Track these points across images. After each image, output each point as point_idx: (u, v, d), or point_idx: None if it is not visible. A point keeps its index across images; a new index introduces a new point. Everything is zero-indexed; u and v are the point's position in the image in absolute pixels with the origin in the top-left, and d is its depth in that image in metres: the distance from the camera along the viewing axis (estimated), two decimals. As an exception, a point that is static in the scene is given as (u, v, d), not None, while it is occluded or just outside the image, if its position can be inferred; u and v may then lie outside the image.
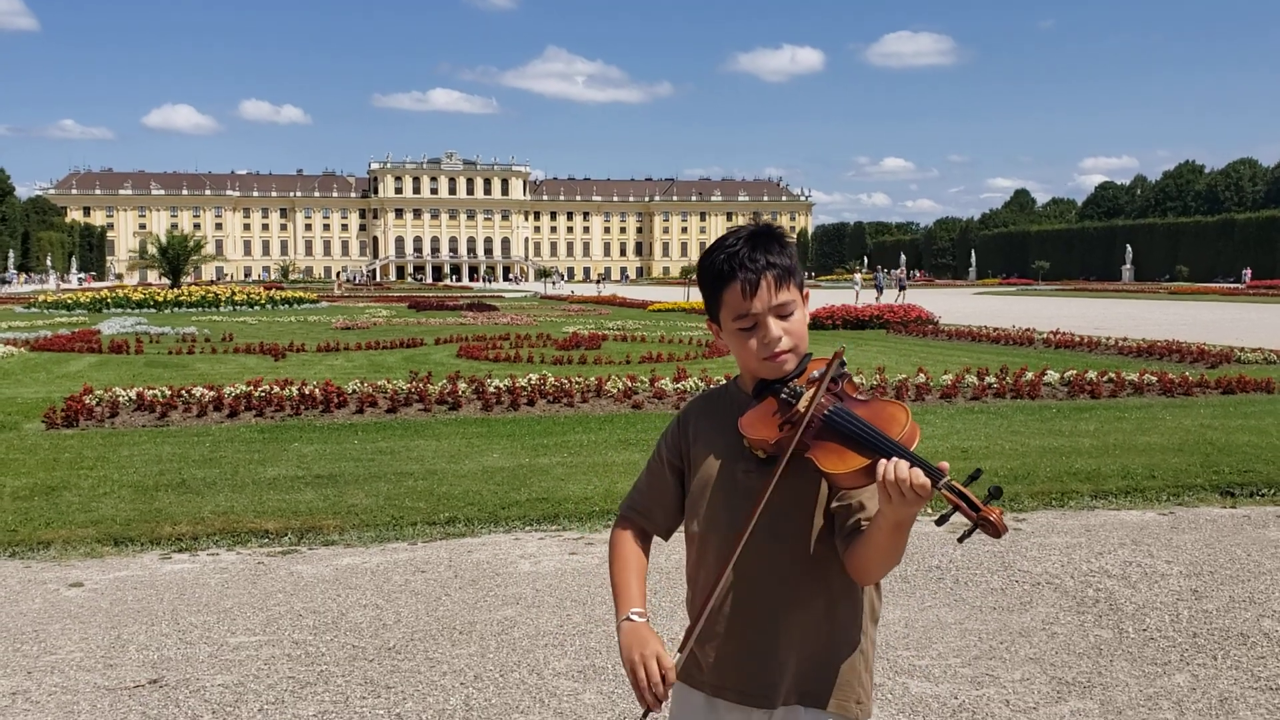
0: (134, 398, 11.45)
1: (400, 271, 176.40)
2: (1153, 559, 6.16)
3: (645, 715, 1.98)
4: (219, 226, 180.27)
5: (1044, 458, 8.92)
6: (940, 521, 1.84)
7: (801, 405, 1.93)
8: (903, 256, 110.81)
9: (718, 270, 2.03)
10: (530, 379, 12.73)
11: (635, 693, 1.95)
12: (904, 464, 1.79)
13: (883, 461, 1.81)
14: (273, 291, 50.65)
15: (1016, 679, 4.37)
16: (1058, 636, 4.89)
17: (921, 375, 13.40)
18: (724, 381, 2.26)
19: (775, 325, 2.00)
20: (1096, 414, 11.41)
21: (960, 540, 1.90)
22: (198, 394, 11.59)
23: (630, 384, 12.67)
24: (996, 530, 1.75)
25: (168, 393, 11.62)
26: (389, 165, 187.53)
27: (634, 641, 2.01)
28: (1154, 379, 13.39)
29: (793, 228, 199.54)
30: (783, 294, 2.01)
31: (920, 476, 1.77)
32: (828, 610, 2.04)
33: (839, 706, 2.04)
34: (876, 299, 49.49)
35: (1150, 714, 4.01)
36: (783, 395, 1.99)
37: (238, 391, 11.69)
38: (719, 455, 2.07)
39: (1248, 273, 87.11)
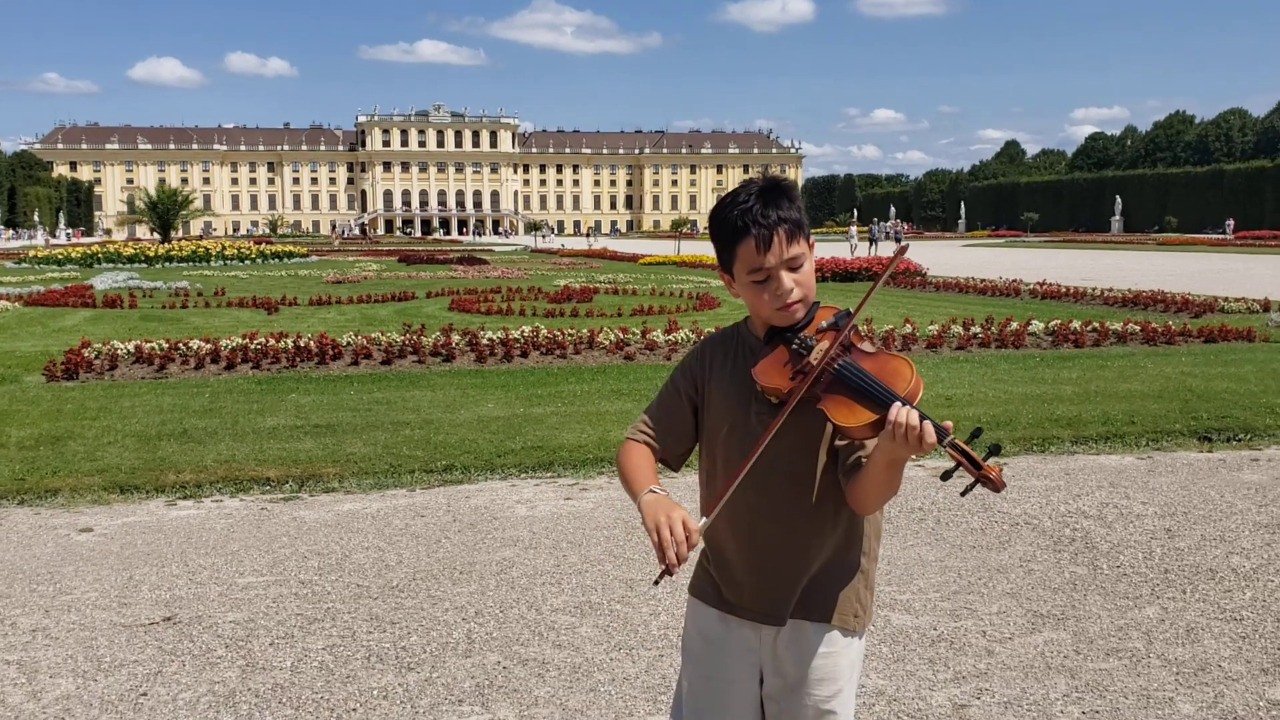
0: (132, 350, 11.58)
1: (389, 225, 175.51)
2: (1129, 500, 6.37)
3: (660, 578, 2.04)
4: (207, 181, 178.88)
5: (1026, 405, 9.12)
6: (945, 477, 1.99)
7: (813, 358, 2.05)
8: (892, 209, 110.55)
9: (732, 225, 2.14)
10: (523, 331, 12.88)
11: (658, 554, 1.99)
12: (915, 414, 1.92)
13: (895, 407, 1.93)
14: (263, 246, 50.52)
15: (994, 612, 4.58)
16: (1034, 573, 5.09)
17: (908, 326, 13.58)
18: (715, 331, 2.40)
19: (787, 278, 2.13)
20: (1080, 363, 11.62)
21: (963, 494, 2.05)
22: (195, 346, 11.72)
23: (622, 336, 12.83)
24: (996, 486, 1.88)
25: (165, 345, 11.75)
26: (376, 118, 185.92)
27: (657, 507, 2.08)
28: (1137, 328, 13.60)
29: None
30: (794, 247, 2.13)
31: (930, 434, 1.90)
32: (832, 537, 2.20)
33: (840, 619, 2.22)
34: (871, 251, 48.88)
35: (1120, 643, 4.22)
36: (794, 346, 2.11)
37: (234, 344, 11.82)
38: (733, 395, 2.21)
39: (1230, 223, 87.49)
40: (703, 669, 2.30)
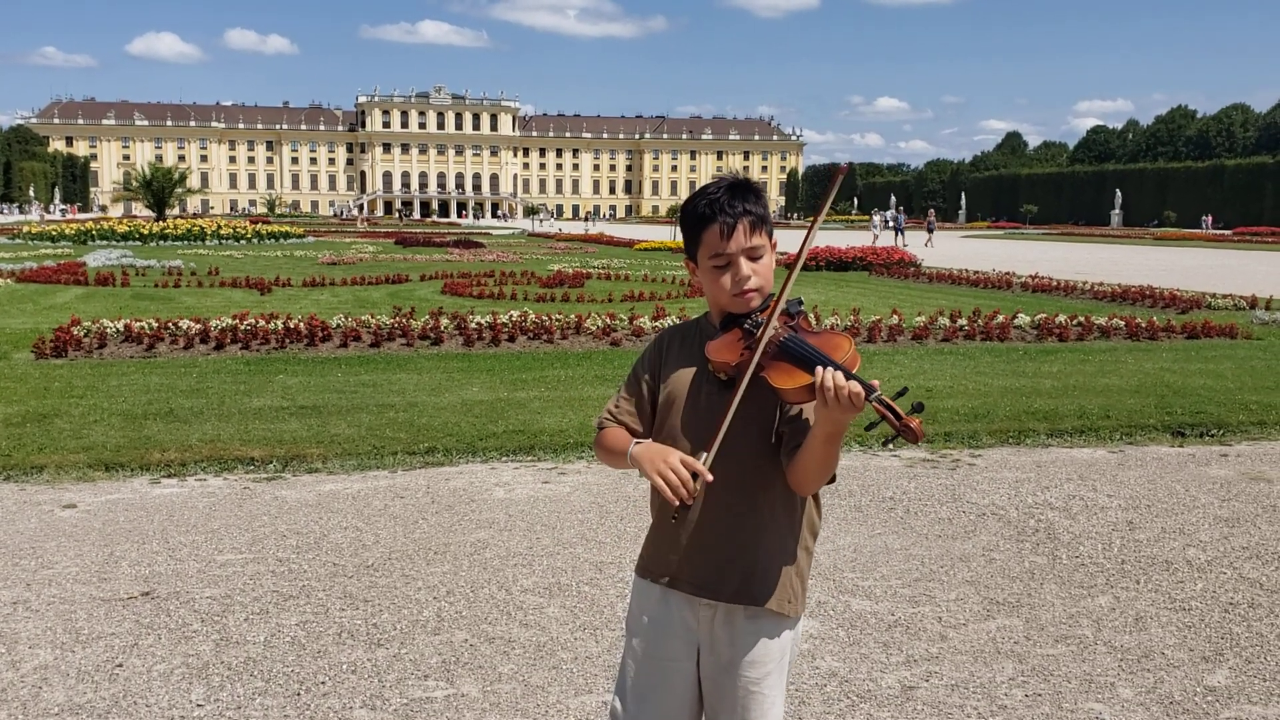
0: (121, 329, 11.67)
1: (388, 206, 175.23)
2: (1095, 493, 6.50)
3: (675, 513, 2.20)
4: (204, 159, 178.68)
5: (1005, 397, 9.23)
6: (869, 427, 2.12)
7: (762, 332, 2.20)
8: (893, 198, 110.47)
9: (700, 214, 2.30)
10: (511, 316, 12.98)
11: (666, 495, 2.14)
12: (840, 374, 2.05)
13: (819, 369, 2.07)
14: (259, 226, 50.49)
15: (951, 599, 4.70)
16: (995, 562, 5.22)
17: (895, 317, 13.69)
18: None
19: (746, 265, 2.28)
20: (1062, 356, 11.74)
21: (884, 445, 2.21)
22: (185, 326, 11.82)
23: (609, 322, 12.94)
24: (915, 436, 2.00)
25: (155, 325, 11.84)
26: (377, 99, 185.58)
27: (653, 454, 2.23)
28: (1121, 323, 13.71)
29: (783, 167, 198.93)
30: (755, 239, 2.28)
31: (856, 387, 2.03)
32: (773, 519, 2.33)
33: (776, 604, 2.33)
34: (897, 241, 45.50)
35: (1070, 630, 4.35)
36: (745, 326, 2.27)
37: (224, 324, 11.92)
38: (686, 378, 2.36)
39: (1208, 219, 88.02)
40: (645, 648, 2.42)
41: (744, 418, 2.22)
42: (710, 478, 2.16)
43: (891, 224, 57.39)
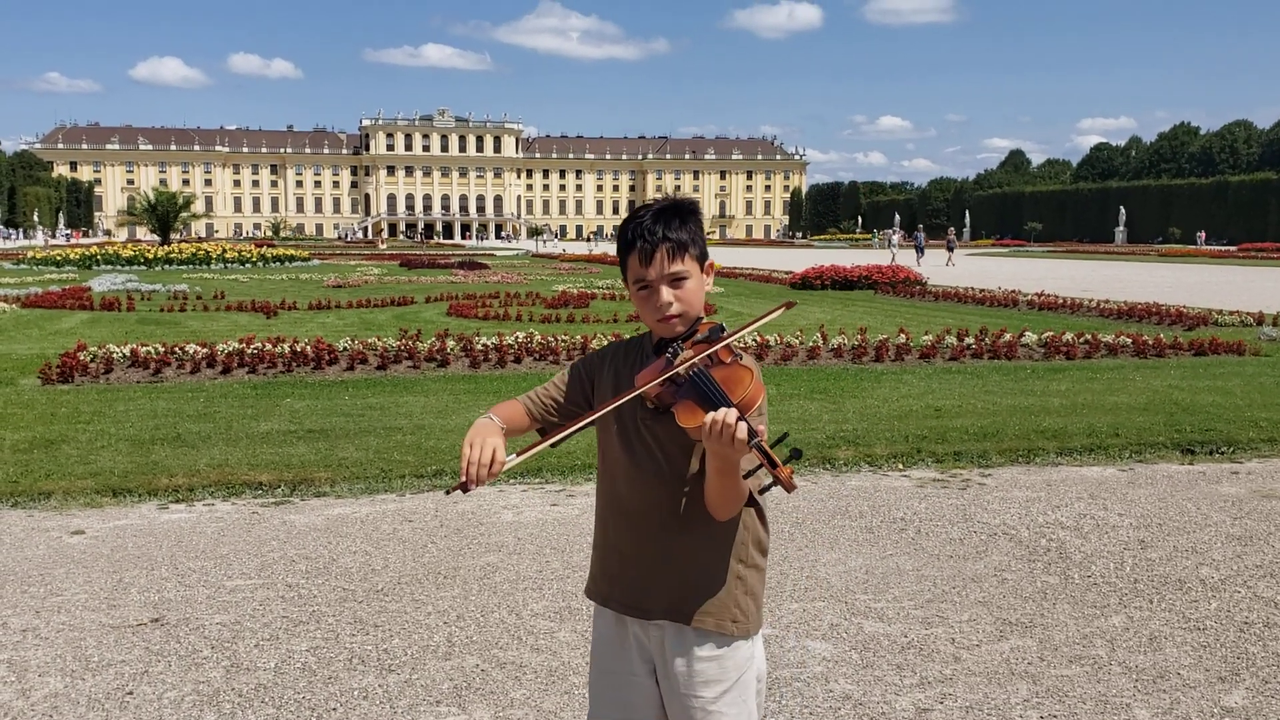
0: (128, 354, 11.69)
1: (392, 229, 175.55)
2: (1106, 512, 6.47)
3: (455, 489, 2.22)
4: (208, 183, 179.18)
5: (1014, 416, 9.21)
6: (747, 475, 2.15)
7: (677, 363, 2.21)
8: (897, 217, 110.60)
9: (625, 239, 2.33)
10: (517, 337, 12.99)
11: (461, 466, 2.16)
12: (733, 415, 2.05)
13: (709, 415, 2.07)
14: (264, 249, 50.60)
15: (964, 620, 4.67)
16: (1007, 582, 5.19)
17: (902, 336, 13.68)
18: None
19: (667, 291, 2.28)
20: (1069, 375, 11.71)
21: (760, 492, 2.19)
22: (191, 351, 11.83)
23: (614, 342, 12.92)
24: (786, 486, 2.04)
25: (161, 349, 11.86)
26: (381, 121, 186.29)
27: (480, 430, 2.27)
28: (1128, 341, 13.69)
29: (787, 187, 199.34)
30: (676, 265, 2.28)
31: (742, 433, 2.04)
32: (707, 538, 2.31)
33: (715, 624, 2.31)
34: (918, 262, 45.61)
35: (1084, 650, 4.32)
36: (667, 354, 2.28)
37: (230, 349, 11.93)
38: (617, 395, 2.35)
39: (1201, 236, 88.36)
40: (604, 668, 2.42)
41: (674, 441, 2.26)
42: (500, 472, 2.19)
43: (913, 243, 57.34)
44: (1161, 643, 4.40)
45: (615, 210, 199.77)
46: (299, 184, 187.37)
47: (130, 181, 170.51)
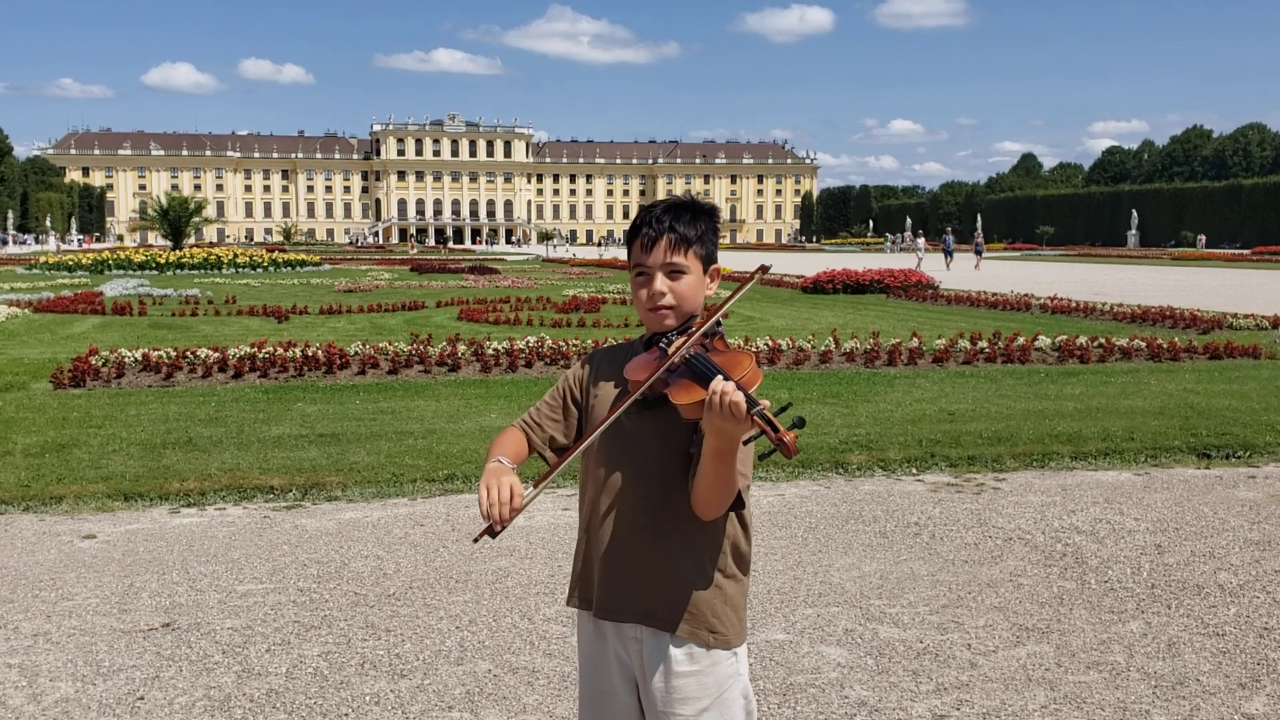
0: (140, 359, 11.70)
1: (403, 234, 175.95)
2: (1122, 516, 6.42)
3: (480, 536, 2.19)
4: (220, 188, 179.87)
5: (1028, 420, 9.15)
6: (747, 441, 2.10)
7: (671, 350, 2.20)
8: (909, 220, 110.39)
9: (634, 226, 2.33)
10: (528, 341, 12.97)
11: (481, 511, 2.12)
12: (731, 384, 2.02)
13: (718, 379, 2.04)
14: (275, 254, 50.70)
15: (980, 625, 4.63)
16: (1023, 587, 5.14)
17: (915, 340, 13.63)
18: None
19: (662, 281, 2.27)
20: (1084, 378, 11.65)
21: (760, 459, 2.13)
22: (202, 355, 11.84)
23: (627, 347, 12.90)
24: (788, 450, 1.98)
25: (173, 354, 11.87)
26: (391, 127, 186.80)
27: (492, 473, 2.22)
28: (1142, 344, 13.61)
29: (798, 190, 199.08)
30: (677, 257, 2.27)
31: (739, 396, 2.00)
32: (685, 544, 2.27)
33: (690, 633, 2.26)
34: (946, 266, 46.71)
35: (1102, 656, 4.28)
36: (660, 344, 2.27)
37: (242, 353, 11.93)
38: (609, 396, 2.35)
39: (1202, 239, 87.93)
40: (588, 681, 2.39)
41: (656, 439, 2.23)
42: (521, 508, 2.15)
43: (941, 246, 57.43)
44: (1180, 649, 4.35)
45: (625, 215, 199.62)
46: (310, 189, 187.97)
47: (142, 187, 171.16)
